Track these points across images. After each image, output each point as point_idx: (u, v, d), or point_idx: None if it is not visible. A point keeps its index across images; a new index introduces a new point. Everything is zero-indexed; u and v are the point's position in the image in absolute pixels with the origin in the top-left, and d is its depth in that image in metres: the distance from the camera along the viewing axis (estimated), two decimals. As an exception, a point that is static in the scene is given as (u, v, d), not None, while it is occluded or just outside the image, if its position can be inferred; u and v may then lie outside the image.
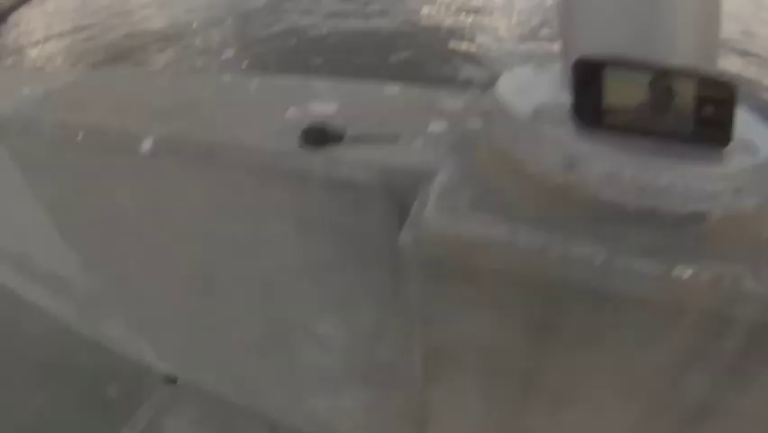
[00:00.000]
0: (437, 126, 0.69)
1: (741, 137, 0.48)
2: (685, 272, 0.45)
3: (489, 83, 0.59)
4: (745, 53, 4.64)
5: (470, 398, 0.69)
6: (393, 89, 0.80)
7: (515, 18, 5.94)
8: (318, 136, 0.65)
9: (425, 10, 6.23)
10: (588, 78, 0.48)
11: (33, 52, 6.84)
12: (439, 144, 0.65)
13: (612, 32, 0.49)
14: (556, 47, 0.56)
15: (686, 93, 0.46)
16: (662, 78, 0.46)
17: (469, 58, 4.83)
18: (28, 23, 8.15)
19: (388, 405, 1.01)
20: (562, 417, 0.65)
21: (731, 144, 0.47)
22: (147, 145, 0.74)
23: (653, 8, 0.47)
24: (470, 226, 0.51)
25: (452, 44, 5.27)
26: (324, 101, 0.75)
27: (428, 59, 4.87)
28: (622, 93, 0.47)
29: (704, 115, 0.46)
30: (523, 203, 0.52)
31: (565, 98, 0.51)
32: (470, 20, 5.99)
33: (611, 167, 0.48)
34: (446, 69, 4.65)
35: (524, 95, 0.56)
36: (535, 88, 0.57)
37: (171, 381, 1.77)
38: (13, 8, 8.95)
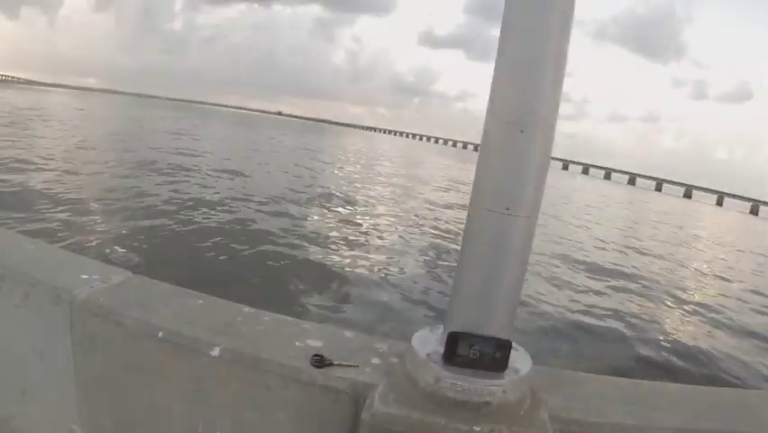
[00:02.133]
0: (376, 360, 1.32)
1: (512, 364, 1.16)
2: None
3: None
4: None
5: None
6: (350, 333, 1.44)
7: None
8: (319, 361, 1.25)
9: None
10: (452, 340, 1.15)
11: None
12: (378, 370, 1.27)
13: (467, 318, 1.17)
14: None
15: (490, 348, 1.14)
16: (483, 341, 1.14)
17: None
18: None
19: None
20: None
21: (506, 370, 1.15)
22: (215, 352, 1.29)
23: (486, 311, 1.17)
24: (394, 410, 1.12)
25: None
26: (314, 338, 1.37)
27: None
28: (463, 348, 1.15)
29: (497, 356, 1.14)
30: (416, 398, 1.14)
31: (441, 349, 1.17)
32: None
33: (454, 380, 1.12)
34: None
35: (423, 345, 1.22)
36: (430, 342, 1.23)
37: None
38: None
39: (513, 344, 1.17)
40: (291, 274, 6.96)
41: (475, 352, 1.14)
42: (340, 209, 13.10)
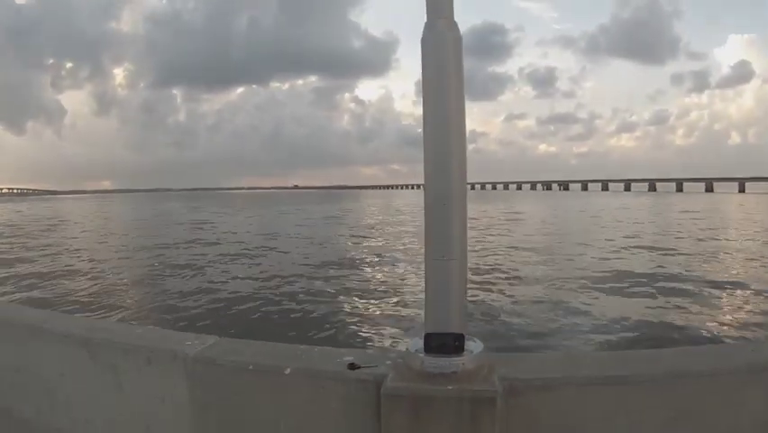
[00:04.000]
0: (388, 361, 2.08)
1: (468, 348, 1.92)
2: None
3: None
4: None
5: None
6: (370, 350, 2.22)
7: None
8: (352, 366, 2.02)
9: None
10: (428, 338, 1.92)
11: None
12: (389, 366, 2.03)
13: (435, 322, 1.95)
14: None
15: (450, 339, 1.91)
16: (446, 336, 1.91)
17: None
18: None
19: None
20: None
21: (463, 351, 1.91)
22: (288, 371, 2.06)
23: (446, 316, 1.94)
24: (399, 384, 1.88)
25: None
26: (348, 356, 2.13)
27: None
28: (435, 341, 1.91)
29: (456, 344, 1.91)
30: (412, 376, 1.90)
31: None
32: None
33: (432, 361, 1.89)
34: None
35: (413, 346, 1.98)
36: (418, 343, 1.98)
37: None
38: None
39: (465, 335, 1.94)
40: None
41: (442, 344, 1.91)
42: (357, 270, 14.59)
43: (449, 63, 1.97)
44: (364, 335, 8.65)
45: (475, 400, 1.85)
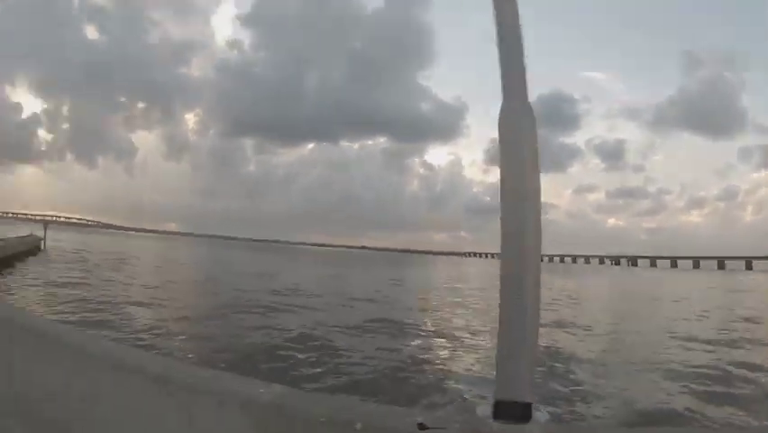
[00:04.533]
0: (456, 424, 2.14)
1: (535, 417, 1.97)
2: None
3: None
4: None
5: None
6: (440, 412, 2.29)
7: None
8: (422, 426, 2.09)
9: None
10: (496, 406, 1.99)
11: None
12: (457, 428, 2.09)
13: (506, 388, 2.01)
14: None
15: (518, 409, 1.96)
16: (515, 404, 1.97)
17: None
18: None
19: None
20: None
21: (531, 420, 1.96)
22: (359, 426, 2.16)
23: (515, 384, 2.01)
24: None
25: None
26: (418, 416, 2.21)
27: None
28: (503, 409, 1.98)
29: (523, 414, 1.96)
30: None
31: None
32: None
33: (498, 428, 1.94)
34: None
35: (482, 412, 2.05)
36: (487, 409, 2.05)
37: None
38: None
39: (533, 405, 1.99)
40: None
41: (510, 412, 1.97)
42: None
43: (525, 144, 2.12)
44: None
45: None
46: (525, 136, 2.10)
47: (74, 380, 3.43)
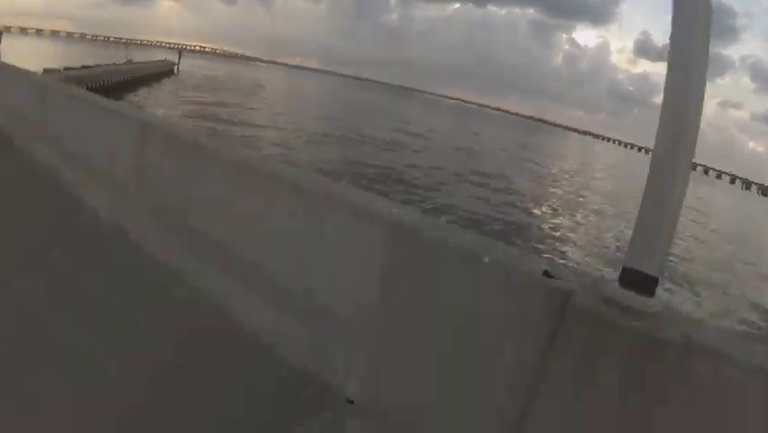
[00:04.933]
0: (581, 280, 2.23)
1: (658, 296, 2.03)
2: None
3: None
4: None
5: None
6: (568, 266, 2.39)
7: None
8: (546, 273, 2.20)
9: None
10: (625, 272, 2.05)
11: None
12: (581, 285, 2.18)
13: (637, 258, 2.06)
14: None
15: (647, 281, 2.01)
16: (643, 276, 2.02)
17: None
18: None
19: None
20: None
21: (653, 297, 2.01)
22: (486, 259, 2.32)
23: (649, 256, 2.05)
24: (588, 302, 2.04)
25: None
26: (545, 265, 2.33)
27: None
28: (631, 277, 2.04)
29: (648, 287, 2.01)
30: (600, 300, 2.05)
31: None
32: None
33: (621, 294, 2.02)
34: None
35: (610, 276, 2.12)
36: (613, 276, 2.12)
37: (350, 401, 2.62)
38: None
39: (659, 281, 2.03)
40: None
41: (637, 281, 2.02)
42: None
43: (698, 31, 1.97)
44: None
45: (654, 342, 1.97)
46: (699, 22, 1.97)
47: (209, 180, 3.82)
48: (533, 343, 2.19)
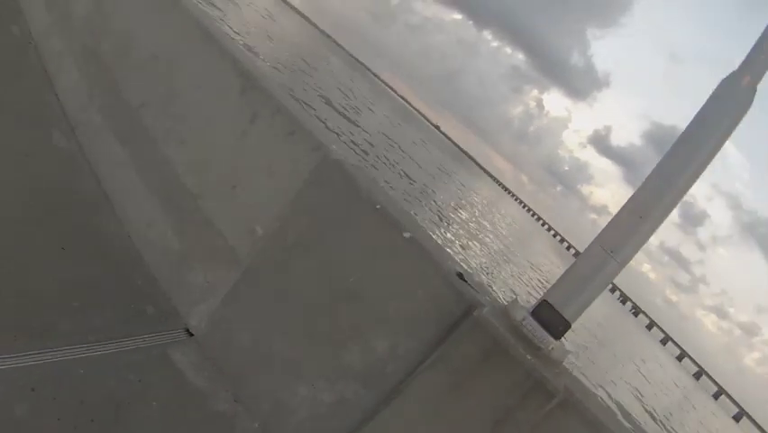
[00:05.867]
0: (493, 295, 2.08)
1: (564, 341, 1.91)
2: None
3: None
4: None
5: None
6: (484, 277, 2.23)
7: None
8: (460, 276, 2.03)
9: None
10: (542, 304, 1.91)
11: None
12: (493, 302, 2.03)
13: (559, 296, 1.93)
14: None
15: (559, 322, 1.89)
16: (558, 316, 1.90)
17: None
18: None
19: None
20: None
21: (559, 340, 1.89)
22: (407, 235, 2.07)
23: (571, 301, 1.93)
24: (491, 319, 1.89)
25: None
26: (460, 268, 2.16)
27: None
28: (545, 312, 1.91)
29: (559, 329, 1.89)
30: (505, 322, 1.91)
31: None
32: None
33: (530, 325, 1.89)
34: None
35: (525, 302, 1.99)
36: (530, 303, 1.99)
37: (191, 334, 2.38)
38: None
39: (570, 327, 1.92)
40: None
41: (550, 318, 1.89)
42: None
43: (725, 116, 1.95)
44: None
45: (539, 384, 1.85)
46: (730, 113, 1.91)
47: (155, 29, 3.33)
48: (419, 339, 2.01)
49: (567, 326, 1.91)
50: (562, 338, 1.95)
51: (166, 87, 3.08)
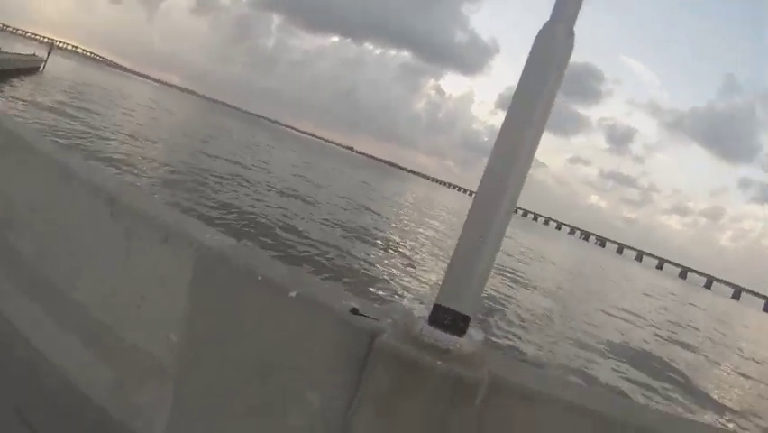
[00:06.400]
0: (390, 319, 2.12)
1: (470, 333, 1.95)
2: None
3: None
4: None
5: None
6: (377, 305, 2.26)
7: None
8: (354, 311, 2.06)
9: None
10: (436, 310, 1.96)
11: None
12: (389, 324, 2.07)
13: (449, 296, 1.98)
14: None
15: (458, 319, 1.94)
16: (454, 314, 1.95)
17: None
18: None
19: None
20: None
21: (465, 335, 1.94)
22: (293, 294, 2.12)
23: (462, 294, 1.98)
24: (392, 342, 1.92)
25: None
26: (354, 301, 2.19)
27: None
28: (442, 315, 1.95)
29: (460, 325, 1.94)
30: (407, 339, 1.94)
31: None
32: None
33: (431, 333, 1.93)
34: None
35: (418, 312, 2.02)
36: (423, 310, 2.03)
37: None
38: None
39: (471, 321, 1.96)
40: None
41: (447, 319, 1.94)
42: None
43: (551, 72, 1.99)
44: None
45: (459, 382, 1.89)
46: (555, 63, 1.99)
47: (24, 183, 3.33)
48: (338, 387, 2.03)
49: (467, 319, 1.95)
50: (470, 329, 1.99)
51: (51, 234, 3.11)
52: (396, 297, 10.62)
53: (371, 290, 10.41)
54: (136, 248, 2.66)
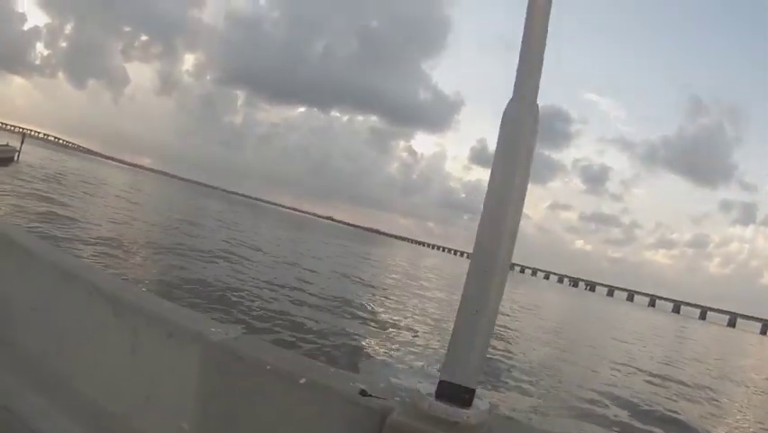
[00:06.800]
0: (398, 397, 2.20)
1: (476, 404, 2.04)
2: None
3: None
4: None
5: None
6: (383, 384, 2.33)
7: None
8: (363, 393, 2.14)
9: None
10: (442, 385, 2.05)
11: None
12: (398, 402, 2.15)
13: (453, 371, 2.07)
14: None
15: (463, 392, 2.03)
16: (459, 388, 2.04)
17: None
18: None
19: None
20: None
21: (471, 406, 2.02)
22: (303, 381, 2.20)
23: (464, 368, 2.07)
24: (403, 419, 2.00)
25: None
26: (361, 382, 2.26)
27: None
28: (448, 390, 2.04)
29: (465, 398, 2.02)
30: (416, 416, 2.02)
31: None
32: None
33: (438, 408, 2.01)
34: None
35: (425, 388, 2.11)
36: (430, 387, 2.11)
37: None
38: None
39: (477, 392, 2.05)
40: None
41: (453, 393, 2.02)
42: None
43: (523, 145, 2.16)
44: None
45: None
46: (525, 137, 2.15)
47: (24, 285, 3.41)
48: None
49: (471, 392, 2.04)
50: (476, 400, 2.08)
51: (53, 333, 3.16)
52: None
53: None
54: (142, 344, 2.74)
